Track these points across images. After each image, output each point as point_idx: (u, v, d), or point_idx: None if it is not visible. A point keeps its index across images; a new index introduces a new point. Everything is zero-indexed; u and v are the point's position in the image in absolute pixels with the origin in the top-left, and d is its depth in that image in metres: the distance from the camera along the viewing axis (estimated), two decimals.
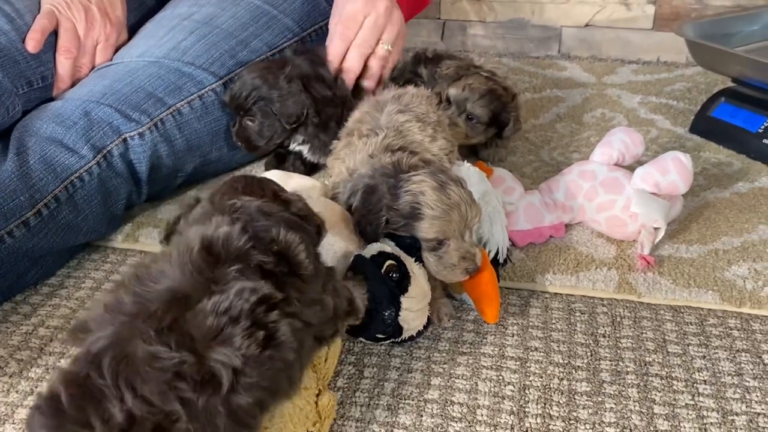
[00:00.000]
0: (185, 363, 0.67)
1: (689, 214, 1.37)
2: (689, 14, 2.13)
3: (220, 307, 0.70)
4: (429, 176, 1.03)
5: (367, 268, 1.00)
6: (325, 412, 0.89)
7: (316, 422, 0.88)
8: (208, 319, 0.70)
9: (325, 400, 0.89)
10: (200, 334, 0.69)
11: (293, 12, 1.52)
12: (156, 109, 1.30)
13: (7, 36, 1.32)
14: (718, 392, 0.99)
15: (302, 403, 0.86)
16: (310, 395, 0.88)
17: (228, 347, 0.69)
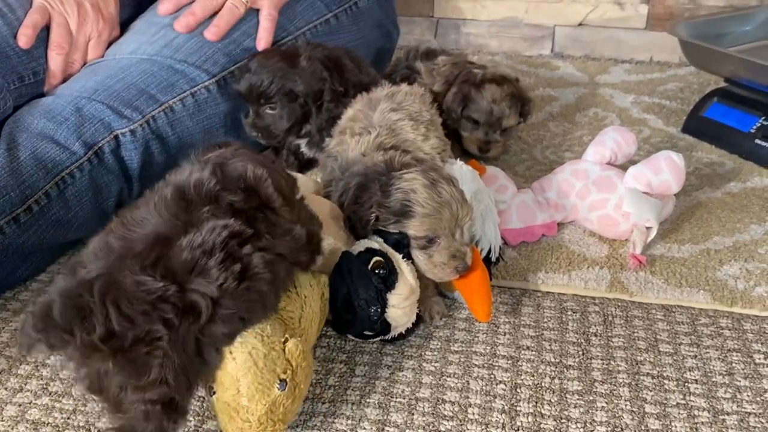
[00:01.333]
0: (169, 290, 0.75)
1: (681, 213, 1.37)
2: (682, 14, 2.14)
3: (194, 242, 0.78)
4: (420, 174, 1.02)
5: (352, 265, 1.00)
6: (294, 360, 0.86)
7: (287, 369, 0.85)
8: (184, 253, 0.77)
9: (291, 346, 0.86)
10: (180, 267, 0.77)
11: (287, 10, 1.51)
12: (148, 106, 1.29)
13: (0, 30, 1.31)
14: (709, 392, 0.99)
15: (266, 350, 0.84)
16: (275, 342, 0.85)
17: (205, 278, 0.77)
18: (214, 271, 0.78)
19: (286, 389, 0.85)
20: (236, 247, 0.80)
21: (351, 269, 1.00)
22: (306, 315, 0.94)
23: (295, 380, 0.86)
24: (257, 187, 0.86)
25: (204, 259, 0.78)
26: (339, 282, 1.01)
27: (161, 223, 0.81)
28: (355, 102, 1.27)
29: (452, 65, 1.57)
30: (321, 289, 0.99)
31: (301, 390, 0.88)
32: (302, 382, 0.88)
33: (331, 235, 1.08)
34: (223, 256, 0.78)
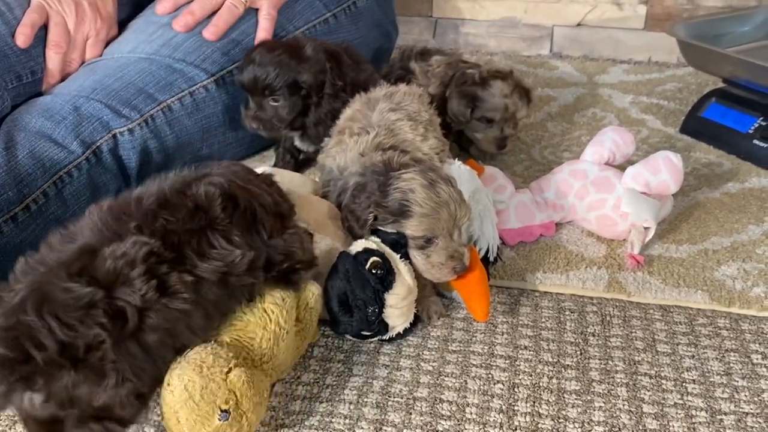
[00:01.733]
0: (96, 296, 0.76)
1: (679, 213, 1.37)
2: (681, 14, 2.14)
3: (117, 252, 0.80)
4: (419, 174, 1.02)
5: (350, 265, 1.00)
6: (238, 390, 0.85)
7: (229, 399, 0.84)
8: (107, 261, 0.79)
9: (233, 377, 0.84)
10: (104, 275, 0.78)
11: (286, 9, 1.52)
12: (146, 105, 1.29)
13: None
14: (707, 392, 0.99)
15: (203, 382, 0.83)
16: (215, 373, 0.84)
17: (129, 287, 0.78)
18: (137, 281, 0.79)
19: (230, 419, 0.84)
20: (155, 264, 0.81)
21: (348, 269, 1.01)
22: (270, 334, 0.92)
23: (240, 409, 0.85)
24: (207, 207, 0.88)
25: (127, 269, 0.79)
26: (336, 282, 1.01)
27: (90, 235, 0.83)
28: (354, 102, 1.27)
29: (446, 65, 1.56)
30: (298, 301, 0.98)
31: (249, 418, 0.86)
32: (250, 411, 0.86)
33: (329, 236, 1.08)
34: (144, 269, 0.80)
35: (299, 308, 0.98)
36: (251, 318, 0.92)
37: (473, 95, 1.48)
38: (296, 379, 1.01)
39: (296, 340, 0.98)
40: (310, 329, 1.01)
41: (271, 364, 0.93)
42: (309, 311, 0.99)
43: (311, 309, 1.00)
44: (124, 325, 0.78)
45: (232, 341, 0.90)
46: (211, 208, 0.88)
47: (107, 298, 0.77)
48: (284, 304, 0.93)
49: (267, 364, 0.93)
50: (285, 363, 0.96)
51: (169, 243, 0.83)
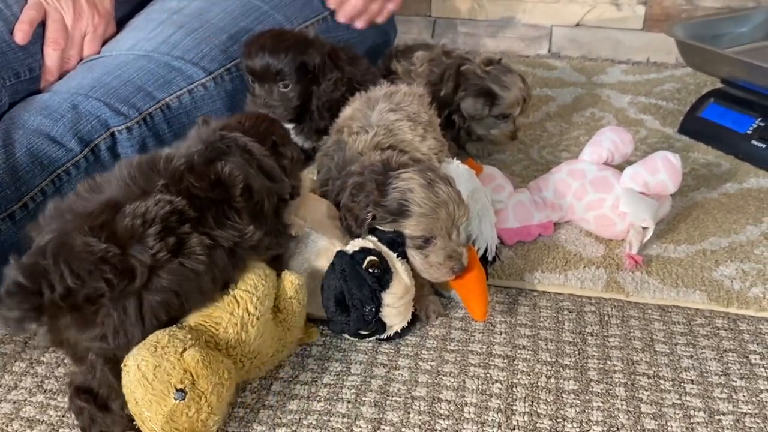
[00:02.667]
0: (110, 252, 0.82)
1: (677, 214, 1.37)
2: (679, 15, 2.14)
3: (137, 210, 0.85)
4: (418, 174, 1.02)
5: (347, 264, 1.00)
6: (193, 369, 0.85)
7: (184, 379, 0.84)
8: (126, 219, 0.84)
9: (187, 357, 0.85)
10: (122, 232, 0.83)
11: (284, 7, 1.52)
12: (145, 103, 1.29)
13: None
14: (705, 392, 0.99)
15: (156, 361, 0.83)
16: (169, 352, 0.84)
17: (142, 245, 0.83)
18: (150, 240, 0.84)
19: (187, 398, 0.84)
20: (175, 223, 0.86)
21: (345, 268, 1.00)
22: (237, 320, 0.92)
23: (197, 389, 0.85)
24: (228, 185, 0.93)
25: (142, 228, 0.84)
26: (333, 281, 1.01)
27: (117, 189, 0.89)
28: (354, 100, 1.27)
29: (430, 63, 1.53)
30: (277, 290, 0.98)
31: (209, 399, 0.85)
32: (208, 391, 0.85)
33: (327, 234, 1.08)
34: (161, 228, 0.84)
35: (279, 298, 0.99)
36: (219, 303, 0.93)
37: (490, 92, 1.46)
38: (294, 378, 1.00)
39: (277, 331, 0.98)
40: (294, 320, 1.00)
41: (240, 351, 0.93)
42: (289, 301, 0.99)
43: (291, 299, 0.99)
44: (131, 282, 0.83)
45: (197, 325, 0.91)
46: (232, 187, 0.93)
47: (121, 255, 0.82)
48: (256, 291, 0.93)
49: (234, 350, 0.92)
50: (262, 353, 0.96)
51: (193, 204, 0.89)
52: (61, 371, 1.01)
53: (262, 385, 0.99)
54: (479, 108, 1.46)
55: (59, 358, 1.03)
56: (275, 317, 0.98)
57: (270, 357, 0.98)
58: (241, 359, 0.93)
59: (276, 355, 0.99)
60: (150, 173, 0.90)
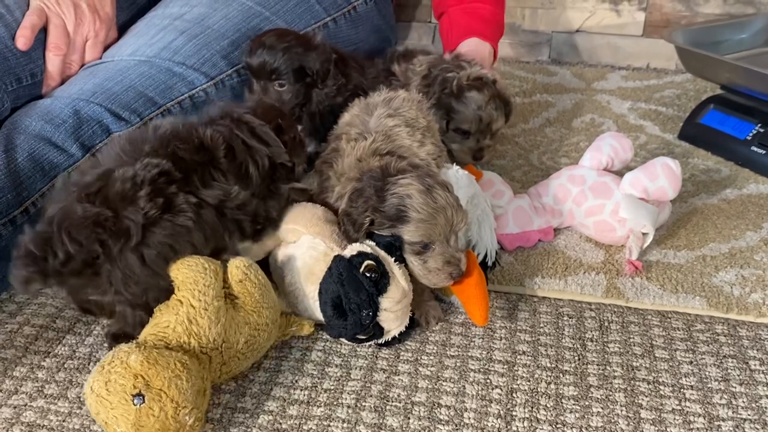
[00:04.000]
0: (103, 215, 0.92)
1: (677, 219, 1.37)
2: (679, 21, 2.14)
3: (126, 174, 0.95)
4: (416, 179, 1.02)
5: (344, 269, 1.00)
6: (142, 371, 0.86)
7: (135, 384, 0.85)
8: (117, 183, 0.94)
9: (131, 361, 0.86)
10: (114, 196, 0.93)
11: (285, 13, 1.52)
12: (146, 108, 1.29)
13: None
14: (705, 398, 0.99)
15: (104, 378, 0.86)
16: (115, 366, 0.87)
17: (134, 206, 0.93)
18: (142, 201, 0.93)
19: (147, 400, 0.85)
20: (163, 184, 0.96)
21: (342, 273, 1.00)
22: (182, 317, 0.93)
23: (153, 388, 0.86)
24: (211, 149, 1.03)
25: (133, 191, 0.94)
26: (330, 285, 1.01)
27: (111, 160, 0.99)
28: (352, 106, 1.27)
29: (429, 64, 1.51)
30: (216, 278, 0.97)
31: (170, 393, 0.86)
32: (165, 386, 0.86)
33: (325, 239, 1.08)
34: (150, 190, 0.94)
35: (230, 284, 0.99)
36: (163, 309, 0.96)
37: (448, 107, 1.45)
38: (294, 383, 1.01)
39: (239, 316, 0.98)
40: (254, 302, 1.00)
41: (198, 343, 0.93)
42: (241, 284, 0.99)
43: (243, 282, 0.99)
44: (128, 240, 0.92)
45: (149, 337, 0.93)
46: (214, 150, 1.03)
47: (114, 218, 0.92)
48: (196, 285, 0.94)
49: (193, 343, 0.93)
50: (230, 340, 0.96)
51: (178, 166, 0.98)
52: (61, 376, 1.01)
53: (262, 390, 0.99)
54: (438, 121, 1.40)
55: (59, 363, 1.03)
56: (232, 303, 0.99)
57: (245, 344, 0.98)
58: (204, 351, 0.94)
59: (253, 342, 0.99)
60: (137, 142, 1.00)
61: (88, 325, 1.11)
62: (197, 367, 0.91)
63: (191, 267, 0.96)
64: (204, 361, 0.94)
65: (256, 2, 1.51)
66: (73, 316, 1.13)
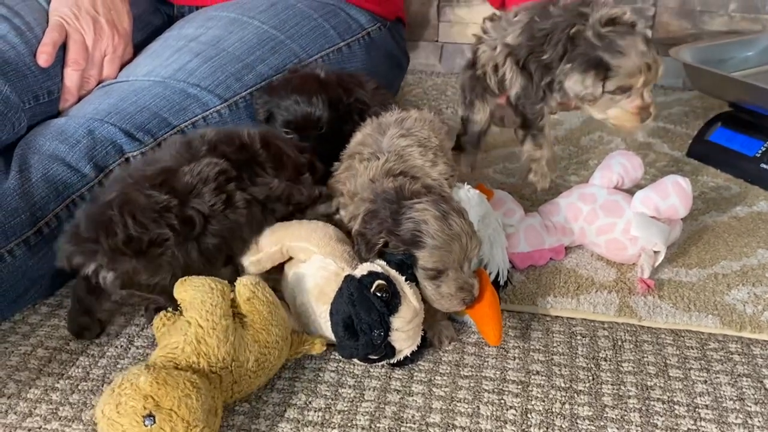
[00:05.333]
0: (172, 203, 1.02)
1: (688, 237, 1.37)
2: (685, 39, 2.15)
3: (194, 170, 1.06)
4: (432, 205, 1.03)
5: (355, 289, 1.00)
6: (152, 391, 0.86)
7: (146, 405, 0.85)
8: (186, 177, 1.05)
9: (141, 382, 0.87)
10: (181, 187, 1.04)
11: (300, 38, 1.53)
12: (160, 129, 1.30)
13: (16, 50, 1.31)
14: (720, 417, 0.99)
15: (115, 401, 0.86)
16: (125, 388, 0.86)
17: (201, 199, 1.05)
18: (207, 195, 1.05)
19: (158, 420, 0.85)
20: (223, 182, 1.07)
21: (353, 293, 1.00)
22: (191, 337, 0.94)
23: (163, 408, 0.86)
24: (250, 145, 1.14)
25: (201, 185, 1.05)
26: (342, 306, 1.01)
27: (169, 159, 1.08)
28: (365, 126, 1.27)
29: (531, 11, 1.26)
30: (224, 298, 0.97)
31: (180, 413, 0.86)
32: (176, 406, 0.86)
33: (337, 258, 1.09)
34: (215, 186, 1.06)
35: (238, 303, 1.00)
36: (172, 331, 0.97)
37: (598, 63, 1.18)
38: (308, 404, 1.00)
39: (249, 334, 0.98)
40: (263, 321, 1.00)
41: (207, 363, 0.94)
42: (249, 303, 1.00)
43: (251, 300, 1.00)
44: (192, 229, 1.04)
45: (158, 359, 0.94)
46: (253, 146, 1.14)
47: (181, 206, 1.03)
48: (203, 305, 0.95)
49: (202, 363, 0.93)
50: (240, 359, 0.96)
51: (231, 166, 1.09)
52: (75, 398, 1.01)
53: (276, 412, 0.99)
54: (590, 85, 1.19)
55: (73, 385, 1.03)
56: (241, 322, 0.99)
57: (255, 363, 0.98)
58: (214, 371, 0.94)
59: (263, 360, 0.99)
60: (194, 145, 1.10)
61: (101, 346, 1.11)
62: (207, 386, 0.91)
63: (198, 287, 0.97)
64: (214, 381, 0.94)
65: (271, 26, 1.52)
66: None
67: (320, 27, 1.59)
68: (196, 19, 1.58)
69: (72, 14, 1.38)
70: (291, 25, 1.55)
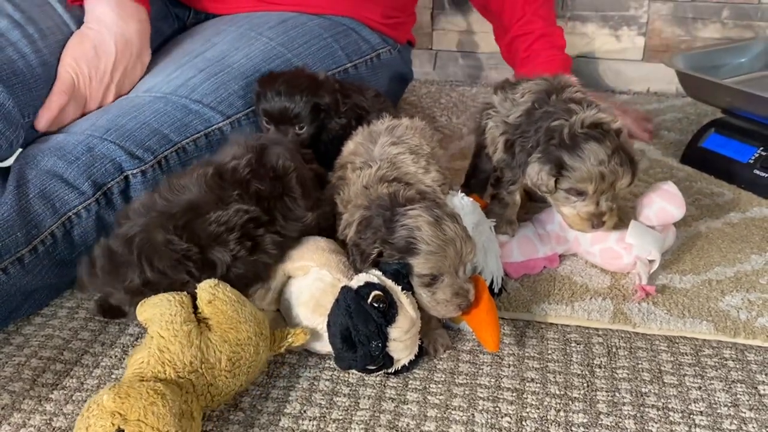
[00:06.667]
0: (191, 251, 1.01)
1: (682, 244, 1.37)
2: (678, 46, 2.16)
3: (221, 219, 1.03)
4: (425, 211, 1.03)
5: (351, 300, 1.00)
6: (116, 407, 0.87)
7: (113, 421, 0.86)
8: (212, 226, 1.03)
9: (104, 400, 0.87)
10: (205, 235, 1.03)
11: (307, 57, 1.51)
12: (161, 146, 1.27)
13: (25, 60, 1.27)
14: (715, 423, 0.99)
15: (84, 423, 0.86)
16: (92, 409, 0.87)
17: (224, 248, 1.03)
18: (232, 243, 1.03)
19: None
20: (252, 229, 1.06)
21: (350, 304, 1.00)
22: (153, 349, 0.95)
23: (130, 420, 0.86)
24: (283, 177, 1.13)
25: (226, 234, 1.03)
26: (339, 317, 1.01)
27: (197, 194, 1.06)
28: (356, 134, 1.28)
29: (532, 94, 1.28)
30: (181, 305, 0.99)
31: (149, 421, 0.86)
32: (143, 416, 0.86)
33: (332, 269, 1.09)
34: (240, 234, 1.04)
35: (201, 307, 1.00)
36: (138, 349, 0.98)
37: (558, 160, 1.18)
38: (302, 413, 1.00)
39: (216, 335, 0.98)
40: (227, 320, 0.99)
41: (174, 369, 0.94)
42: (211, 305, 1.00)
43: (212, 302, 0.99)
44: (213, 271, 1.02)
45: (126, 378, 0.95)
46: (287, 178, 1.13)
47: (201, 255, 1.01)
48: (162, 317, 0.97)
49: (168, 370, 0.94)
50: (210, 360, 0.96)
51: (263, 207, 1.08)
52: (69, 408, 1.01)
53: (271, 421, 0.99)
54: (543, 178, 1.19)
55: (68, 396, 1.03)
56: (207, 326, 0.99)
57: (228, 362, 0.97)
58: (182, 376, 0.94)
59: (238, 359, 0.98)
60: (223, 183, 1.08)
61: (95, 356, 1.11)
62: (176, 391, 0.91)
63: (156, 304, 0.99)
64: (185, 386, 0.94)
65: (279, 43, 1.51)
66: (81, 348, 1.13)
67: (329, 47, 1.58)
68: (204, 32, 1.56)
69: (87, 76, 1.33)
70: (299, 44, 1.54)
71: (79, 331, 1.17)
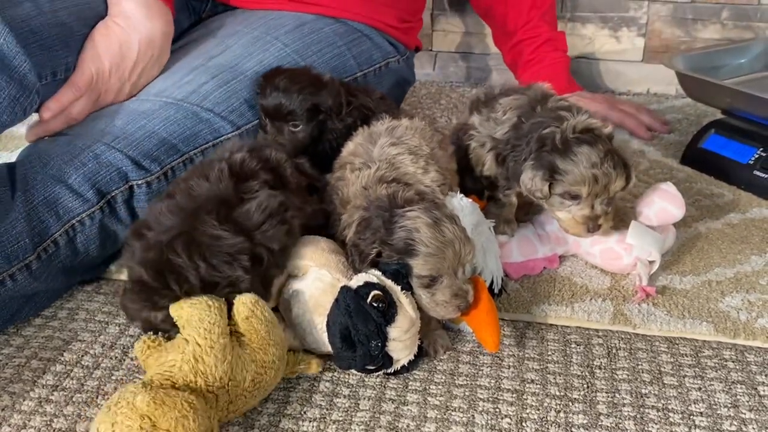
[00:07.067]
0: (244, 244, 1.00)
1: (682, 245, 1.37)
2: (678, 47, 2.16)
3: (262, 206, 1.04)
4: (424, 212, 1.03)
5: (351, 300, 1.00)
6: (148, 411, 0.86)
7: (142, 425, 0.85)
8: (255, 214, 1.03)
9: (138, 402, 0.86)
10: (250, 224, 1.02)
11: (319, 65, 1.49)
12: (168, 156, 1.26)
13: (45, 17, 1.24)
14: (715, 424, 0.99)
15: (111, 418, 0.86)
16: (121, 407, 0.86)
17: (267, 234, 1.03)
18: (275, 230, 1.04)
19: None
20: (284, 213, 1.07)
21: (350, 304, 1.00)
22: (188, 356, 0.93)
23: (159, 428, 0.85)
24: (279, 168, 1.14)
25: (269, 221, 1.04)
26: (338, 317, 1.01)
27: (221, 189, 1.05)
28: (356, 135, 1.28)
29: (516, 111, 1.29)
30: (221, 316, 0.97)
31: None
32: (173, 427, 0.85)
33: (332, 269, 1.09)
34: (279, 219, 1.05)
35: (236, 321, 0.99)
36: (169, 348, 0.96)
37: (551, 165, 1.19)
38: (302, 414, 1.00)
39: (246, 353, 0.97)
40: (260, 340, 0.99)
41: (205, 382, 0.93)
42: (247, 321, 0.99)
43: (249, 319, 0.99)
44: (260, 266, 1.02)
45: (155, 377, 0.93)
46: (281, 168, 1.15)
47: (251, 244, 1.00)
48: (201, 323, 0.95)
49: (199, 382, 0.93)
50: (237, 378, 0.95)
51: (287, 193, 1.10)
52: (70, 410, 1.01)
53: (271, 422, 0.99)
54: (537, 184, 1.20)
55: (68, 397, 1.03)
56: (238, 341, 0.98)
57: (252, 382, 0.97)
58: (211, 390, 0.93)
59: (260, 380, 0.98)
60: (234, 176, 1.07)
61: (95, 358, 1.11)
62: (204, 406, 0.91)
63: (195, 305, 0.96)
64: (210, 400, 0.93)
65: (293, 49, 1.50)
66: (81, 349, 1.13)
67: (342, 55, 1.57)
68: (219, 31, 1.54)
69: (107, 73, 1.31)
70: (313, 51, 1.53)
71: (79, 333, 1.17)
